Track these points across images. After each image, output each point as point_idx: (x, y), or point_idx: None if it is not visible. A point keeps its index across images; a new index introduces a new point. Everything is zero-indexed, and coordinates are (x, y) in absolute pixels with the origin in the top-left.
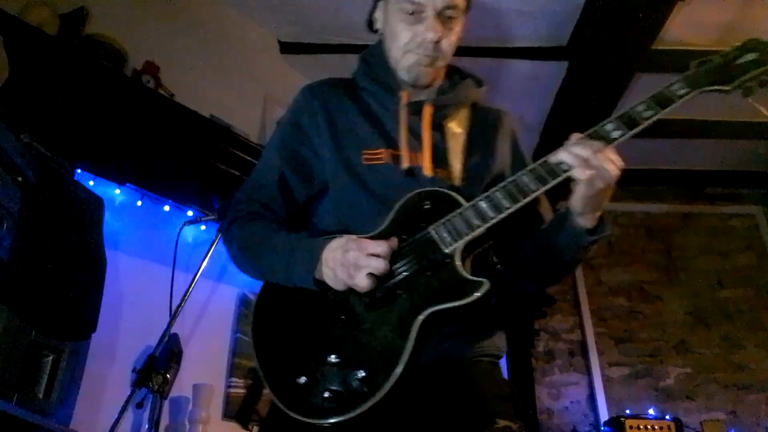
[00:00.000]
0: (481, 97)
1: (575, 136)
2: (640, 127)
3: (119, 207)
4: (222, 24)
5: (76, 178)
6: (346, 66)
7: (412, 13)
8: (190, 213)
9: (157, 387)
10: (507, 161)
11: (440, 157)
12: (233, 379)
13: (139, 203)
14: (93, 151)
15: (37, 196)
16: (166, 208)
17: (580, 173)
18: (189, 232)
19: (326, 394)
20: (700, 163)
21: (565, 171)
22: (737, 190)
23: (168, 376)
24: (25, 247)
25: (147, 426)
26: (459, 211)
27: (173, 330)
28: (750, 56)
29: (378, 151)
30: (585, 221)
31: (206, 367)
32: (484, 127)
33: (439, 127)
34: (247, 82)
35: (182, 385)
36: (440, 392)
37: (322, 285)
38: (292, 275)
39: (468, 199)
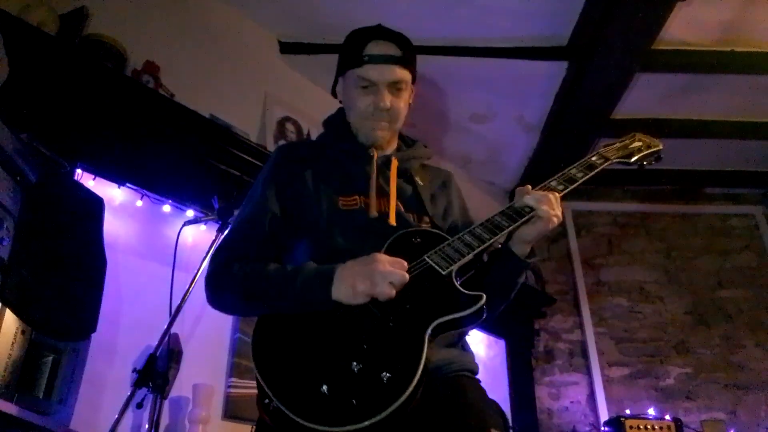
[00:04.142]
0: (429, 158)
1: (527, 188)
2: (576, 185)
3: (119, 207)
4: (222, 24)
5: (76, 178)
6: None
7: (366, 87)
8: (190, 213)
9: (157, 387)
10: (458, 213)
11: (414, 204)
12: (233, 379)
13: (139, 203)
14: (93, 151)
15: (37, 196)
16: (166, 208)
17: (544, 213)
18: (189, 232)
19: (353, 400)
20: (700, 163)
21: (528, 212)
22: (737, 190)
23: (168, 376)
24: (25, 247)
25: (147, 426)
26: (448, 242)
27: (173, 330)
28: (637, 144)
29: (353, 197)
30: (523, 250)
31: (206, 367)
32: (438, 183)
33: (409, 179)
34: (247, 82)
35: (182, 385)
36: (438, 401)
37: (336, 304)
38: (305, 299)
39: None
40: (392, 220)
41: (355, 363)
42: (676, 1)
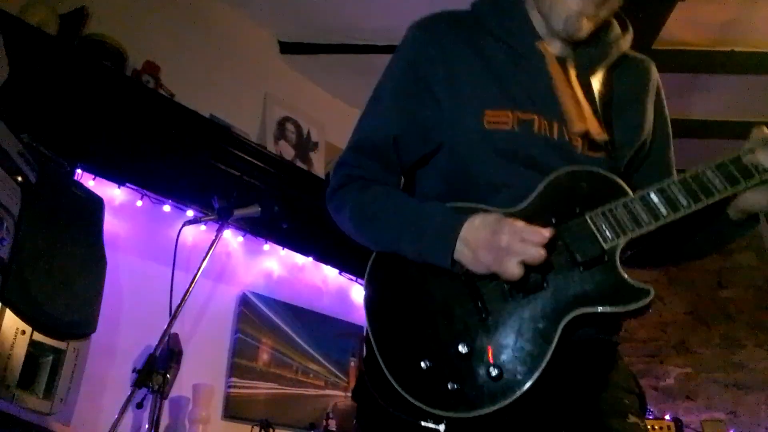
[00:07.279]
0: (627, 45)
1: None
2: None
3: (119, 207)
4: (222, 24)
5: (76, 178)
6: (346, 66)
7: None
8: (190, 213)
9: (157, 387)
10: (650, 126)
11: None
12: (233, 379)
13: (139, 203)
14: (93, 151)
15: (37, 196)
16: (166, 208)
17: None
18: (189, 232)
19: (450, 386)
20: (700, 163)
21: (764, 173)
22: None
23: (168, 376)
24: (25, 246)
25: (147, 426)
26: (624, 201)
27: (173, 330)
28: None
29: (503, 113)
30: (739, 216)
31: (206, 367)
32: (630, 83)
33: (587, 85)
34: (247, 82)
35: (182, 385)
36: (566, 373)
37: (457, 265)
38: (423, 252)
39: (618, 175)
40: (576, 144)
41: (462, 345)
42: (676, 1)
